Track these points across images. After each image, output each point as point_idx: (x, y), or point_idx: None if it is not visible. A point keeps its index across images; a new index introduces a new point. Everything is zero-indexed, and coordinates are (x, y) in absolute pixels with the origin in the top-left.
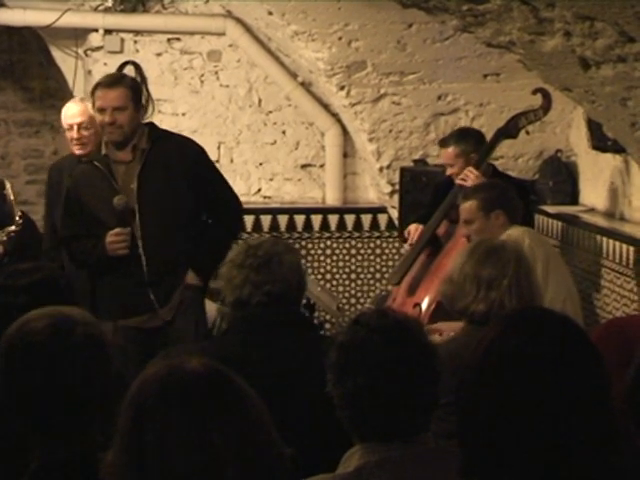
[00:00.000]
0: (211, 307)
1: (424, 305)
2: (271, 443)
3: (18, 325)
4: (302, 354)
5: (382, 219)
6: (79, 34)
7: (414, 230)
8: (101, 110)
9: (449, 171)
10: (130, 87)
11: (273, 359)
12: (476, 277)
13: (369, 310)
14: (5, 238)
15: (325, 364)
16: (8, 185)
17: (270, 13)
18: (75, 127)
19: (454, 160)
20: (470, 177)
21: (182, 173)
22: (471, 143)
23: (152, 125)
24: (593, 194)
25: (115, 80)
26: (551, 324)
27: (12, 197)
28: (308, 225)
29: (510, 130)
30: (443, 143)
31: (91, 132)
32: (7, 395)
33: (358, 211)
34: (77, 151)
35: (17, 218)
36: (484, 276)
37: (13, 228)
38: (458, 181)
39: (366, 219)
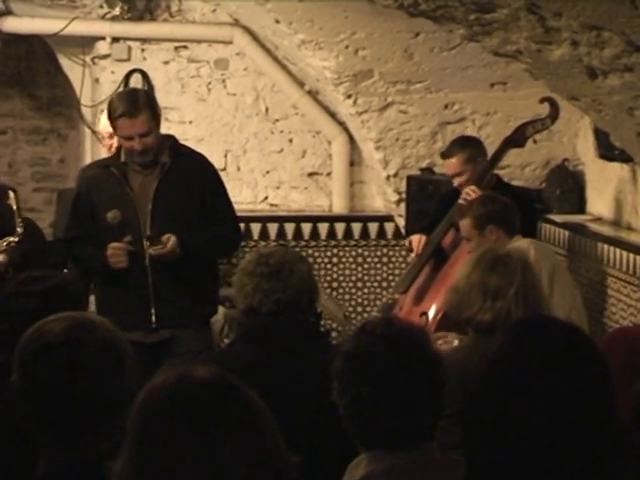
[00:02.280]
0: (218, 311)
1: (431, 314)
2: (278, 451)
3: (37, 326)
4: (311, 362)
5: (389, 227)
6: (86, 42)
7: (417, 241)
8: (128, 138)
9: (457, 181)
10: (149, 108)
11: (282, 367)
12: (482, 286)
13: (375, 318)
14: (5, 247)
15: (331, 372)
16: (12, 195)
17: (277, 22)
18: (107, 135)
19: (463, 167)
20: (472, 197)
21: (198, 192)
22: (475, 147)
23: (173, 139)
24: (600, 203)
25: (135, 107)
26: (557, 332)
27: (15, 207)
28: (315, 233)
29: (517, 139)
30: (447, 154)
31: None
32: (20, 394)
33: (365, 219)
34: None
35: (18, 229)
36: (490, 285)
37: (12, 239)
38: (460, 202)
39: (373, 227)
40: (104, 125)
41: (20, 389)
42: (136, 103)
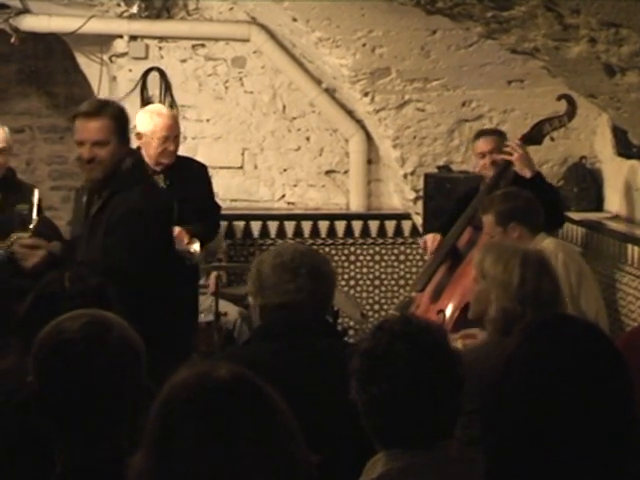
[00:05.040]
0: (232, 309)
1: (448, 312)
2: (298, 451)
3: (54, 324)
4: (328, 361)
5: (406, 225)
6: (104, 40)
7: (431, 240)
8: (79, 143)
9: (482, 162)
10: (114, 117)
11: (299, 365)
12: (501, 285)
13: (393, 317)
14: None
15: (349, 371)
16: (36, 192)
17: (294, 19)
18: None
19: (495, 147)
20: (517, 153)
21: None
22: (503, 141)
23: (137, 170)
24: (618, 201)
25: (95, 109)
26: (575, 331)
27: (36, 204)
28: (332, 231)
29: (534, 136)
30: (484, 133)
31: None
32: (37, 394)
33: (382, 217)
34: (166, 160)
35: (30, 226)
36: (509, 284)
37: (22, 234)
38: (505, 156)
39: (390, 225)
40: (144, 125)
41: (37, 389)
42: (100, 107)
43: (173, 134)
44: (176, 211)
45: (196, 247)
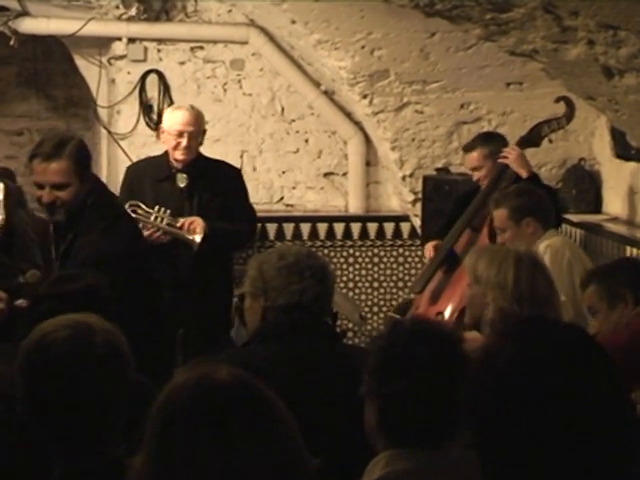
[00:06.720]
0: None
1: (447, 314)
2: (298, 452)
3: (38, 337)
4: (327, 362)
5: (405, 227)
6: (103, 43)
7: (430, 249)
8: (39, 186)
9: (476, 175)
10: (73, 157)
11: (298, 367)
12: (497, 286)
13: (409, 318)
14: None
15: (364, 368)
16: (1, 186)
17: (293, 22)
18: (186, 135)
19: (482, 162)
20: (512, 154)
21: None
22: (497, 144)
23: (91, 210)
24: (616, 203)
25: (53, 151)
26: (558, 333)
27: (1, 198)
28: (331, 233)
29: (533, 138)
30: (468, 148)
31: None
32: (27, 406)
33: (381, 219)
34: (180, 156)
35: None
36: (504, 285)
37: None
38: (500, 161)
39: (389, 227)
40: (164, 121)
41: (25, 399)
42: (58, 148)
43: (187, 129)
44: (196, 208)
45: (197, 238)
